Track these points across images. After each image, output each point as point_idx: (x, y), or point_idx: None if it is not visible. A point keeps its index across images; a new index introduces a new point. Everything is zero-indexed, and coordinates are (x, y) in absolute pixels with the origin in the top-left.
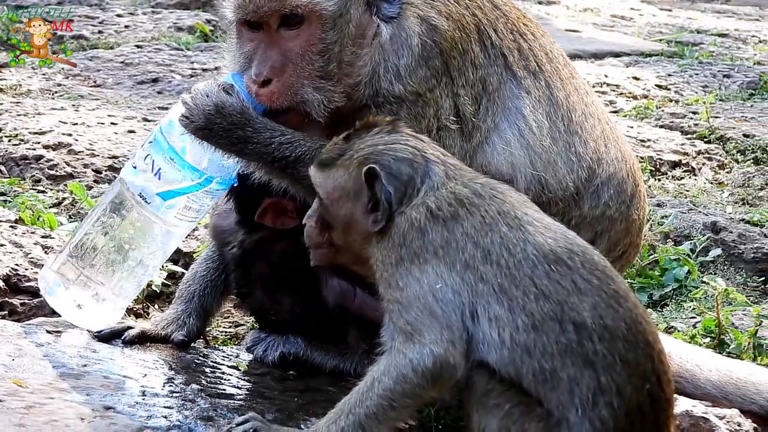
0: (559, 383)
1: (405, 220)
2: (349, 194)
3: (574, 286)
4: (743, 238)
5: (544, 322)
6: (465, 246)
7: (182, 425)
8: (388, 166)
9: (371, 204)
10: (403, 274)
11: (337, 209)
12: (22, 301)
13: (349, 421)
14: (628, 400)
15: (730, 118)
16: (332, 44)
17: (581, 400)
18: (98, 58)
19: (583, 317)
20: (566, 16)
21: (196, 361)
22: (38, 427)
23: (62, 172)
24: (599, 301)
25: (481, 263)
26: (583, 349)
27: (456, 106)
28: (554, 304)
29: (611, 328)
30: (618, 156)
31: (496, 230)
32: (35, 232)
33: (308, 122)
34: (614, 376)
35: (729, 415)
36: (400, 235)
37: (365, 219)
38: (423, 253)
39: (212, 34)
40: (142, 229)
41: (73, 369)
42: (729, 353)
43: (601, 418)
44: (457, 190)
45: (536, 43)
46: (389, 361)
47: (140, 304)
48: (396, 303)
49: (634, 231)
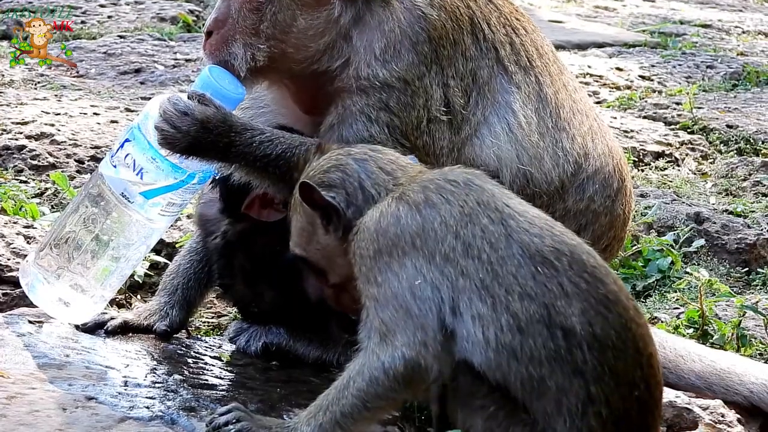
0: (546, 392)
1: (374, 212)
2: (308, 229)
3: (561, 289)
4: (726, 229)
5: (530, 324)
6: (444, 237)
7: (164, 415)
8: (315, 177)
9: (324, 219)
10: (382, 269)
11: (312, 252)
12: (3, 291)
13: (327, 417)
14: (616, 409)
15: (713, 109)
16: (266, 3)
17: (569, 411)
18: (81, 49)
19: (571, 322)
20: (549, 6)
21: (179, 351)
22: (20, 418)
23: (45, 162)
24: (588, 307)
25: (461, 257)
26: (572, 357)
27: (446, 97)
28: (540, 307)
29: (600, 337)
30: (605, 151)
31: (477, 222)
32: (17, 222)
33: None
34: (603, 386)
35: (712, 406)
36: (375, 226)
37: (330, 238)
38: (400, 242)
39: (195, 24)
40: (124, 224)
41: (55, 359)
42: (712, 344)
43: (590, 428)
44: (427, 178)
45: (528, 38)
46: (363, 361)
47: (123, 295)
48: (373, 300)
49: (619, 225)
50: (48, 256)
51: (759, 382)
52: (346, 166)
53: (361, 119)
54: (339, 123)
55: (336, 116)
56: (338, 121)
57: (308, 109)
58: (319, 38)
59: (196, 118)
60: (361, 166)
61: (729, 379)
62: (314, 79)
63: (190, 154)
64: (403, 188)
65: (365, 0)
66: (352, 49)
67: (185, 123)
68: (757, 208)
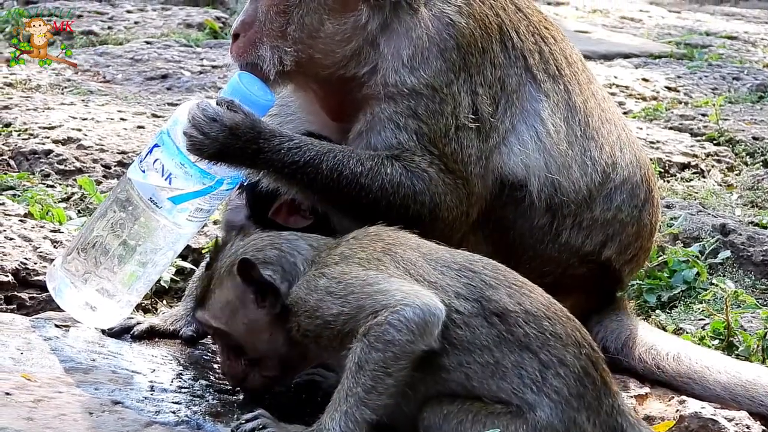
0: (506, 372)
1: (302, 285)
2: (236, 304)
3: (484, 284)
4: (752, 241)
5: (471, 318)
6: (369, 261)
7: (191, 420)
8: (255, 254)
9: (258, 295)
10: (332, 302)
11: (235, 326)
12: (30, 295)
13: (350, 402)
14: (573, 366)
15: (739, 121)
16: (293, 6)
17: (532, 380)
18: (108, 54)
19: (504, 304)
20: (575, 17)
21: (205, 357)
22: (46, 421)
23: (71, 166)
24: (512, 291)
25: (397, 272)
26: (514, 335)
27: (474, 104)
28: (473, 302)
29: (532, 310)
30: (633, 161)
31: (391, 252)
32: (44, 227)
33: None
34: (551, 350)
35: (738, 417)
36: (306, 292)
37: (261, 313)
38: (339, 276)
39: (221, 31)
40: (152, 229)
41: (82, 363)
42: (738, 356)
43: (555, 389)
44: (335, 245)
45: (556, 47)
46: (369, 339)
47: (149, 300)
48: (347, 321)
49: (645, 235)
50: (75, 260)
51: None
52: (282, 245)
53: (389, 126)
54: (367, 130)
55: (364, 123)
56: (367, 128)
57: (336, 116)
58: (346, 44)
59: (225, 125)
60: (293, 245)
61: (754, 390)
62: (342, 85)
63: (218, 160)
64: (320, 259)
65: (393, 7)
66: (380, 56)
67: (214, 129)
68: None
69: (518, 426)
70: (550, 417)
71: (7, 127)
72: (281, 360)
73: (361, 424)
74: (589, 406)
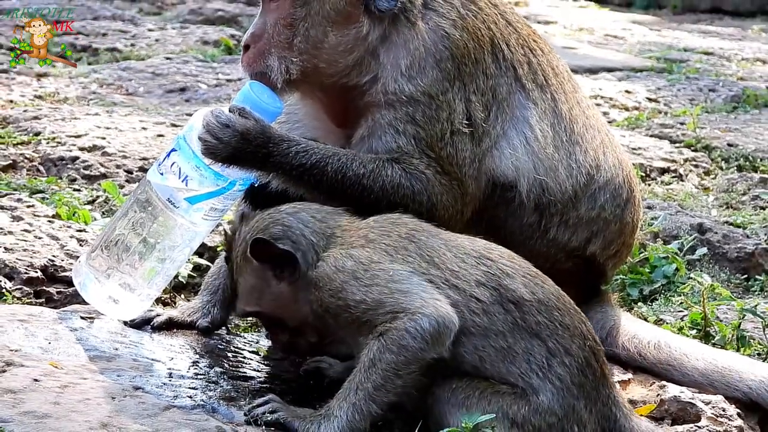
0: (515, 357)
1: (327, 261)
2: (259, 284)
3: (502, 272)
4: (727, 239)
5: (490, 305)
6: (397, 251)
7: (206, 405)
8: (261, 234)
9: (276, 270)
10: (359, 285)
11: (266, 305)
12: (58, 290)
13: (359, 396)
14: (577, 357)
15: (715, 129)
16: (299, 19)
17: (539, 366)
18: (130, 69)
19: (520, 293)
20: (563, 34)
21: (219, 346)
22: (72, 405)
23: (96, 172)
24: (527, 280)
25: (422, 262)
26: (526, 322)
27: (468, 111)
28: (491, 290)
29: (544, 300)
30: (615, 164)
31: (415, 239)
32: (71, 227)
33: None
34: (559, 339)
35: (714, 401)
36: (332, 269)
37: (283, 286)
38: (365, 262)
39: (236, 47)
40: (170, 228)
41: (105, 352)
42: (714, 344)
43: (559, 377)
44: (357, 227)
45: (544, 58)
46: (384, 341)
47: (168, 294)
48: (366, 310)
49: (628, 232)
50: (99, 257)
51: (757, 379)
52: (284, 220)
53: (389, 132)
54: (369, 135)
55: (366, 129)
56: (368, 133)
57: (340, 122)
58: (348, 54)
59: (237, 130)
60: (295, 218)
61: (729, 376)
62: (345, 93)
63: (231, 163)
64: (342, 238)
65: (392, 20)
66: (380, 66)
67: (227, 134)
68: (755, 220)
69: (521, 406)
70: (551, 402)
71: (37, 135)
72: (314, 327)
73: (367, 417)
74: (588, 396)
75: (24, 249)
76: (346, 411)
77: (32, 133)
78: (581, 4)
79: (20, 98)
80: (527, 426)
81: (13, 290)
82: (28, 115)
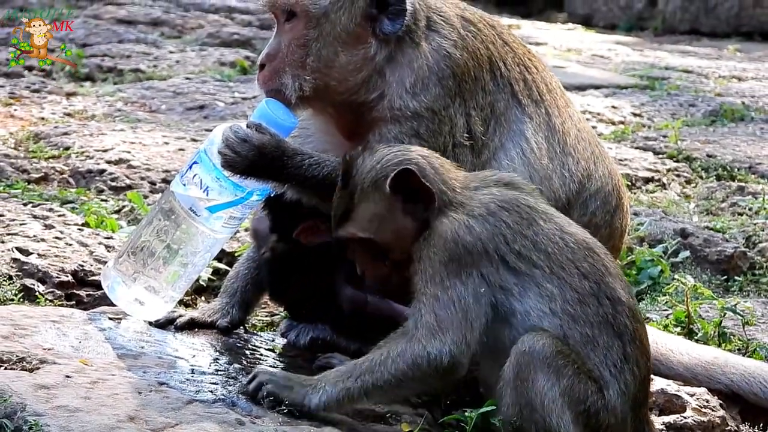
0: (596, 346)
1: (447, 222)
2: (383, 214)
3: (606, 269)
4: (708, 243)
5: (586, 296)
6: (514, 238)
7: (226, 398)
8: (410, 164)
9: (410, 202)
10: (450, 274)
11: (383, 234)
12: (87, 293)
13: (356, 384)
14: (642, 371)
15: (695, 141)
16: (312, 40)
17: (613, 363)
18: (153, 88)
19: (618, 293)
20: (553, 54)
21: (238, 344)
22: (101, 400)
23: (122, 183)
24: (624, 285)
25: (532, 251)
26: (616, 321)
27: (468, 125)
28: (593, 283)
29: (635, 308)
30: (605, 173)
31: (535, 223)
32: (99, 234)
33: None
34: (635, 349)
35: (698, 393)
36: (451, 235)
37: (408, 220)
38: (474, 249)
39: (250, 68)
40: (191, 235)
41: (132, 350)
42: (697, 340)
43: (626, 382)
44: (472, 186)
45: (538, 75)
46: (407, 347)
47: (190, 296)
48: (432, 298)
49: (617, 237)
50: (126, 262)
51: (738, 372)
52: (418, 160)
53: None
54: None
55: (374, 142)
56: None
57: (349, 136)
58: (357, 73)
59: (254, 144)
60: (428, 161)
61: (712, 370)
62: (354, 108)
63: (248, 175)
64: (463, 199)
65: (397, 41)
66: (386, 84)
67: (244, 148)
68: (733, 225)
69: (598, 398)
70: (616, 403)
71: (66, 150)
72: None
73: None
74: (635, 410)
75: (56, 255)
76: (338, 391)
77: (62, 148)
78: (569, 27)
79: (51, 116)
80: (593, 420)
81: (45, 293)
82: (59, 131)
